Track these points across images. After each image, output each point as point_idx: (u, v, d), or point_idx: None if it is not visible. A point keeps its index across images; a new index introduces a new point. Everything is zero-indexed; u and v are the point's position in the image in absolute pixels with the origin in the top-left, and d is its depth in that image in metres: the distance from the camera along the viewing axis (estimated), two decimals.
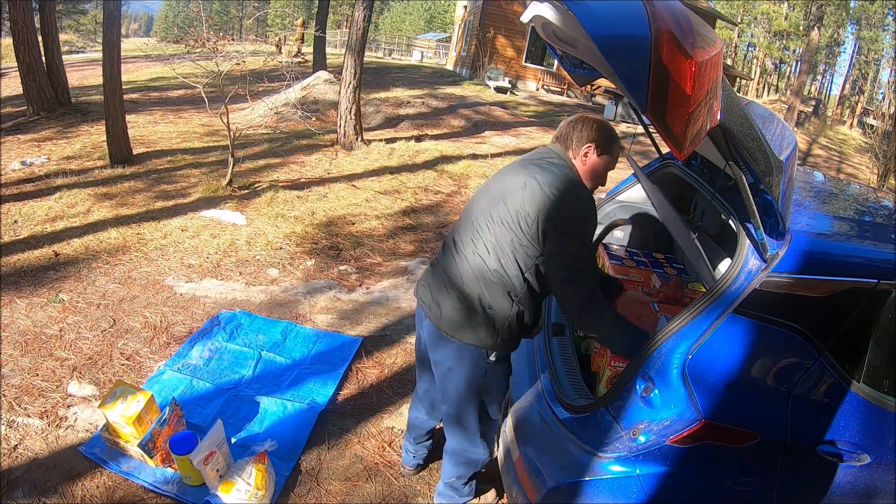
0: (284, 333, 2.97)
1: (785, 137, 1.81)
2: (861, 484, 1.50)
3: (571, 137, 1.62)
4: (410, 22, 54.59)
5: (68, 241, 3.80)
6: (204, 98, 5.33)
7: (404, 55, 33.16)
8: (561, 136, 1.65)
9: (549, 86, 17.50)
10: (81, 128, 7.43)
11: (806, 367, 1.44)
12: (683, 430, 1.41)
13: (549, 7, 1.50)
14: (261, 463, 1.96)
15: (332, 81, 10.36)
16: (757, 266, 1.44)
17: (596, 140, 1.60)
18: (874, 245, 1.63)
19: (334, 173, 6.15)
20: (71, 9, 30.14)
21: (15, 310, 2.93)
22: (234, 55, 5.53)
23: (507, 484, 1.83)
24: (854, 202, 2.23)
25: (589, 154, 1.60)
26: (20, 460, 2.02)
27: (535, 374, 1.94)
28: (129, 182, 5.21)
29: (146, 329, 2.90)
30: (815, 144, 17.00)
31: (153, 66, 14.84)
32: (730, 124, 1.30)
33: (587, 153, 1.60)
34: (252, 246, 4.04)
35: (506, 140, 8.91)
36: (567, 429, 1.62)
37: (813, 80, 44.91)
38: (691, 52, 1.08)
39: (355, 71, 7.06)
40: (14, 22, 7.46)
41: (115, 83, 5.67)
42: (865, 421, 1.47)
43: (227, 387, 2.51)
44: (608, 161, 1.64)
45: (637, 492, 1.45)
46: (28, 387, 2.38)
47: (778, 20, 35.49)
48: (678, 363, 1.42)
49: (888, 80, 37.48)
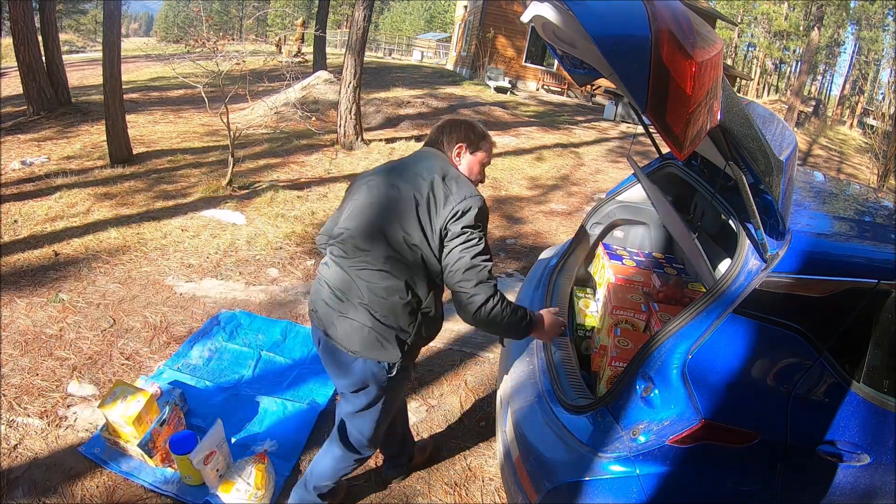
0: (284, 333, 2.97)
1: (785, 137, 1.81)
2: (861, 484, 1.50)
3: (441, 141, 1.64)
4: (410, 22, 54.59)
5: (68, 241, 3.80)
6: (204, 98, 5.33)
7: (404, 55, 33.17)
8: (431, 141, 1.66)
9: (549, 86, 17.50)
10: (81, 127, 7.43)
11: (806, 367, 1.43)
12: (683, 430, 1.41)
13: (549, 7, 1.50)
14: (261, 463, 1.96)
15: (332, 81, 10.36)
16: (757, 266, 1.44)
17: (465, 140, 1.62)
18: (874, 245, 1.63)
19: (334, 173, 6.15)
20: (71, 9, 30.13)
21: (15, 309, 2.93)
22: (234, 55, 5.53)
23: (508, 484, 1.83)
24: (854, 202, 2.23)
25: (462, 154, 1.63)
26: (20, 460, 2.02)
27: (535, 374, 1.94)
28: (129, 182, 5.21)
29: (146, 329, 2.90)
30: (816, 145, 16.99)
31: (153, 65, 14.84)
32: (730, 124, 1.30)
33: (459, 154, 1.63)
34: (252, 246, 4.04)
35: (506, 140, 8.91)
36: (567, 429, 1.62)
37: (813, 80, 44.93)
38: (691, 52, 1.08)
39: (355, 71, 7.06)
40: (14, 21, 7.46)
41: (115, 83, 5.67)
42: (865, 421, 1.47)
43: (227, 386, 2.51)
44: (482, 158, 1.65)
45: (637, 492, 1.45)
46: (28, 386, 2.38)
47: (778, 20, 35.49)
48: (678, 363, 1.42)
49: (888, 80, 37.52)
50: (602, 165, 8.23)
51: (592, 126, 11.68)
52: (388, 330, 1.53)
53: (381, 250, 1.51)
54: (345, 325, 1.55)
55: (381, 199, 1.55)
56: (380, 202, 1.55)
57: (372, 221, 1.54)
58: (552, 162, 7.91)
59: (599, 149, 9.37)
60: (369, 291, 1.52)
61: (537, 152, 8.31)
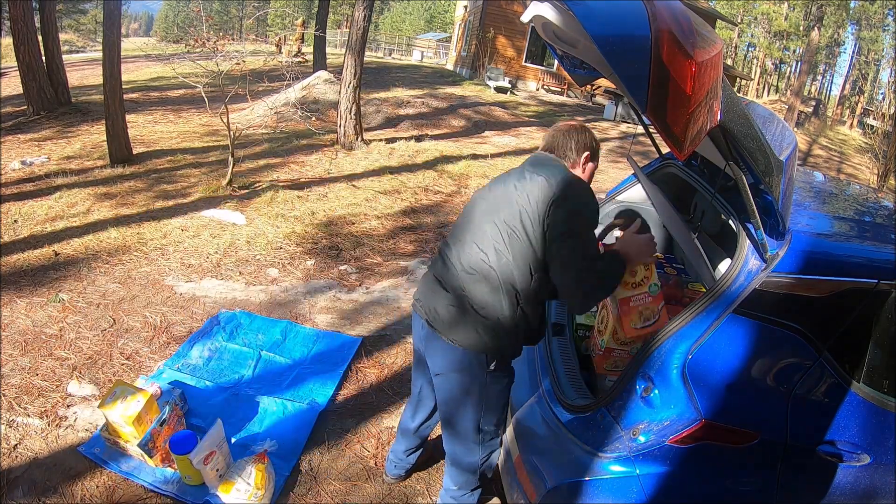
0: (284, 333, 2.97)
1: (785, 137, 1.81)
2: (861, 484, 1.50)
3: (569, 146, 1.64)
4: (410, 22, 54.59)
5: (68, 241, 3.80)
6: (204, 98, 5.33)
7: (404, 55, 33.17)
8: (556, 146, 1.66)
9: (549, 86, 17.50)
10: (81, 127, 7.43)
11: (806, 367, 1.43)
12: (683, 430, 1.41)
13: (549, 7, 1.50)
14: (260, 463, 1.96)
15: (332, 81, 10.35)
16: (757, 266, 1.44)
17: (591, 147, 1.64)
18: (874, 245, 1.63)
19: (334, 173, 6.15)
20: (71, 8, 30.13)
21: (15, 309, 2.93)
22: (234, 55, 5.53)
23: (507, 484, 1.83)
24: (854, 202, 2.23)
25: (587, 162, 1.65)
26: (20, 460, 2.02)
27: (535, 374, 1.94)
28: (129, 182, 5.21)
29: (146, 329, 2.90)
30: (816, 145, 16.99)
31: (153, 65, 14.84)
32: (730, 124, 1.30)
33: (586, 160, 1.64)
34: (252, 246, 4.04)
35: (506, 140, 8.92)
36: (567, 429, 1.62)
37: (813, 80, 44.93)
38: (691, 52, 1.08)
39: (355, 71, 7.06)
40: (14, 21, 7.46)
41: (115, 83, 5.67)
42: (865, 421, 1.47)
43: (227, 386, 2.51)
44: (595, 167, 1.69)
45: (637, 492, 1.45)
46: (28, 386, 2.38)
47: (778, 20, 35.49)
48: (678, 363, 1.42)
49: (888, 80, 37.50)
50: (602, 165, 8.21)
51: (592, 126, 11.66)
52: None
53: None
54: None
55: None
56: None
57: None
58: None
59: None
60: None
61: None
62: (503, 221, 1.54)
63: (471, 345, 1.56)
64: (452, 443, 1.75)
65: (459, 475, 1.79)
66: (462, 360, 1.58)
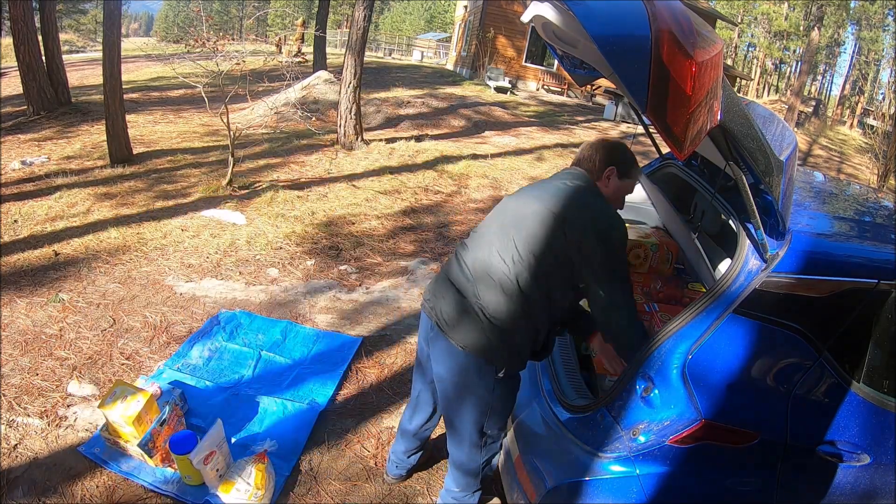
0: (284, 333, 2.97)
1: (785, 137, 1.81)
2: (861, 484, 1.50)
3: (594, 160, 1.65)
4: (410, 22, 54.58)
5: (68, 241, 3.80)
6: (204, 98, 5.33)
7: (404, 55, 33.16)
8: (583, 159, 1.68)
9: (549, 86, 17.50)
10: (81, 127, 7.43)
11: (806, 367, 1.43)
12: (683, 430, 1.41)
13: (549, 7, 1.50)
14: (260, 463, 1.96)
15: (332, 81, 10.35)
16: (757, 266, 1.44)
17: (618, 162, 1.64)
18: (874, 245, 1.63)
19: (334, 173, 6.15)
20: (71, 8, 30.13)
21: (15, 309, 2.93)
22: (234, 55, 5.53)
23: (507, 484, 1.83)
24: (854, 202, 2.23)
25: (611, 178, 1.64)
26: (20, 460, 2.02)
27: (535, 374, 1.94)
28: (129, 182, 5.21)
29: (146, 329, 2.90)
30: (816, 145, 16.99)
31: (153, 65, 14.83)
32: (730, 124, 1.29)
33: (609, 176, 1.64)
34: (252, 246, 4.04)
35: (506, 140, 8.91)
36: (567, 429, 1.62)
37: (813, 80, 44.92)
38: (692, 52, 1.08)
39: (355, 71, 7.06)
40: (14, 21, 7.46)
41: (115, 83, 5.67)
42: (865, 421, 1.47)
43: (227, 386, 2.51)
44: (629, 185, 1.68)
45: (637, 492, 1.45)
46: (28, 386, 2.38)
47: (778, 20, 35.48)
48: (678, 363, 1.42)
49: (888, 80, 37.52)
50: None
51: (593, 126, 11.68)
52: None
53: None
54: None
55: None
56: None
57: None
58: (552, 162, 7.91)
59: None
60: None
61: (538, 152, 8.31)
62: (529, 235, 1.53)
63: (480, 351, 1.55)
64: (456, 446, 1.75)
65: (461, 477, 1.79)
66: (469, 364, 1.57)
